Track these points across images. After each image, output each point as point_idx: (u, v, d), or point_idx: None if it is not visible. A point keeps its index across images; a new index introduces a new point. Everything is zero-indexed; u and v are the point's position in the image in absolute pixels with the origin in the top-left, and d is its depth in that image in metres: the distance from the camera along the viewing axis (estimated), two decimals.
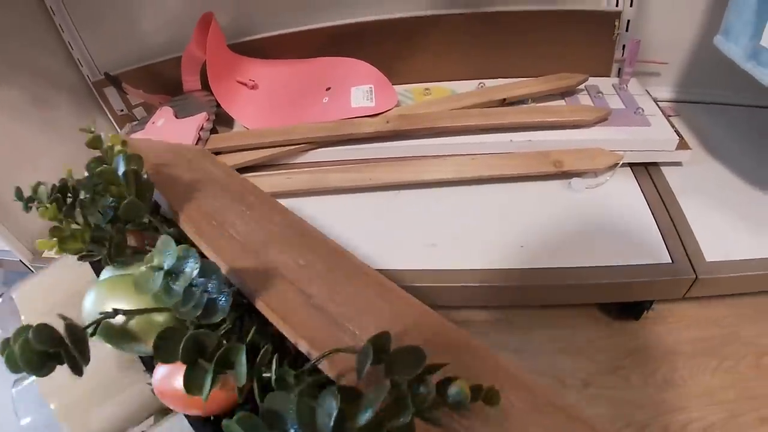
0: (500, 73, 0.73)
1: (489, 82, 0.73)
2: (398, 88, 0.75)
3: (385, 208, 0.62)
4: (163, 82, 0.97)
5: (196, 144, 0.74)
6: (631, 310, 0.66)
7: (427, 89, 0.74)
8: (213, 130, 0.78)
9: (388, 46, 0.74)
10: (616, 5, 0.71)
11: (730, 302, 0.72)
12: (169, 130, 0.79)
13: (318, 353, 0.24)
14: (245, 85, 0.82)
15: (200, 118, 0.78)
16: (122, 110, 1.05)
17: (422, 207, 0.62)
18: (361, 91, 0.70)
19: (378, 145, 0.65)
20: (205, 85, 0.89)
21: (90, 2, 0.93)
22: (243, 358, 0.23)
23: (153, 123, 0.83)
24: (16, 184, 0.75)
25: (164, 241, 0.27)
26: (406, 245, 0.57)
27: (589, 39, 0.71)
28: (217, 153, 0.72)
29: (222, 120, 0.82)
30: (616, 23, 0.69)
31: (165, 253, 0.26)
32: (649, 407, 0.63)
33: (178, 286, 0.26)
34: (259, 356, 0.25)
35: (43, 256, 0.85)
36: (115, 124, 1.10)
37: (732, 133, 0.76)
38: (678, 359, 0.67)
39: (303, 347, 0.25)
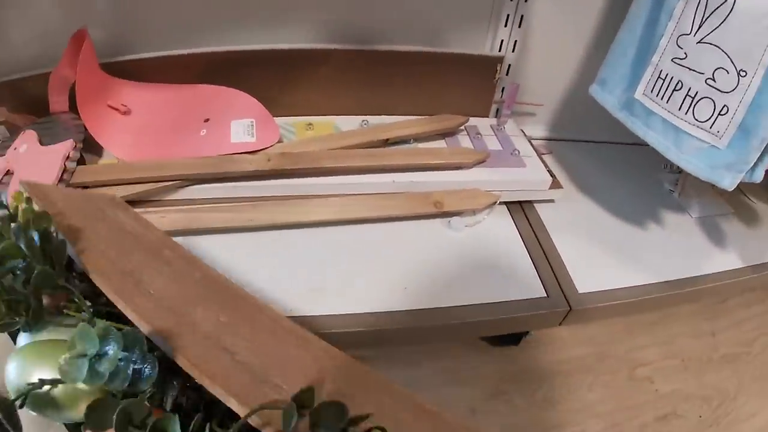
0: (385, 110, 0.74)
1: (373, 119, 0.74)
2: (280, 120, 0.73)
3: (269, 249, 0.60)
4: (29, 101, 0.86)
5: (62, 176, 0.66)
6: (511, 337, 0.70)
7: (310, 124, 0.72)
8: (80, 160, 0.71)
9: (272, 77, 0.72)
10: (499, 50, 0.75)
11: (602, 322, 0.79)
12: (31, 159, 0.71)
13: (247, 410, 0.25)
14: (117, 110, 0.75)
15: (66, 146, 0.70)
16: None
17: (306, 249, 0.60)
18: (241, 125, 0.67)
19: (258, 183, 0.62)
20: (75, 108, 0.80)
21: None
22: (177, 429, 0.25)
23: (15, 149, 0.73)
24: None
25: (83, 331, 0.27)
26: (291, 289, 0.56)
27: (471, 81, 0.75)
28: (84, 187, 0.65)
29: (91, 148, 0.75)
30: (498, 68, 0.73)
31: (87, 342, 0.27)
32: (534, 426, 0.67)
33: (104, 369, 0.27)
34: (192, 425, 0.25)
35: None
36: None
37: (601, 170, 0.83)
38: (556, 378, 0.71)
39: (233, 405, 0.26)
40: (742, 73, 0.52)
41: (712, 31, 0.54)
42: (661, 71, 0.59)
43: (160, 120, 0.74)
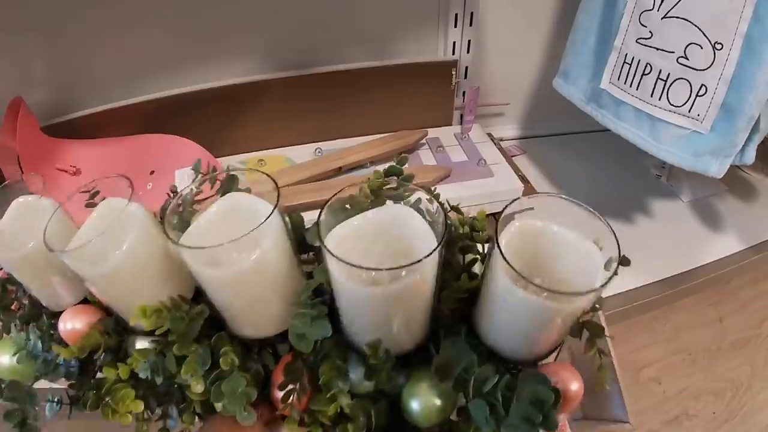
0: (340, 134, 0.68)
1: (328, 145, 0.68)
2: (231, 159, 0.68)
3: None
4: None
5: None
6: None
7: (261, 160, 0.67)
8: None
9: (216, 116, 0.67)
10: (453, 53, 0.69)
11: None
12: None
13: None
14: (66, 171, 0.70)
15: None
16: None
17: None
18: (186, 173, 0.62)
19: None
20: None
21: None
22: None
23: None
24: None
25: None
26: None
27: (427, 90, 0.69)
28: None
29: None
30: (454, 72, 0.68)
31: None
32: None
33: None
34: None
35: None
36: None
37: (581, 163, 0.78)
38: None
39: None
40: (718, 46, 0.46)
41: (677, 3, 0.48)
42: (626, 55, 0.54)
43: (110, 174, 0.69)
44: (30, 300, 0.42)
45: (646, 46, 0.52)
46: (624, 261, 0.25)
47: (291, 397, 0.28)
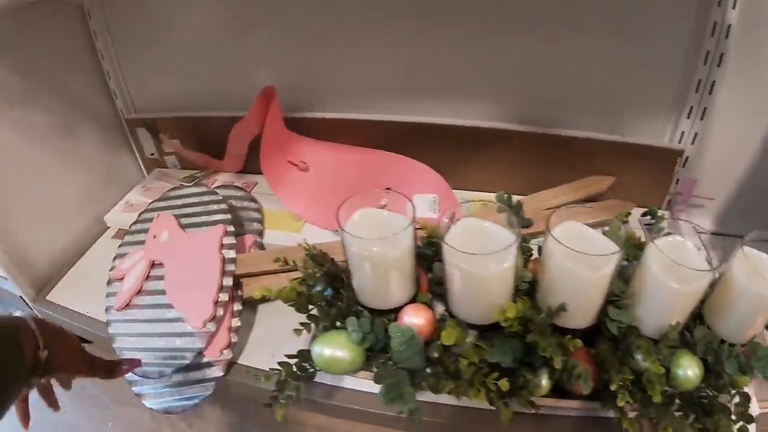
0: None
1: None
2: (456, 194, 0.75)
3: None
4: (201, 139, 0.94)
5: (223, 268, 0.66)
6: None
7: (483, 201, 0.71)
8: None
9: (448, 151, 0.73)
10: (679, 142, 0.73)
11: None
12: (181, 249, 0.70)
13: None
14: (296, 166, 0.78)
15: (216, 233, 0.70)
16: (153, 154, 1.01)
17: None
18: (424, 199, 0.68)
19: None
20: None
21: (137, 31, 0.89)
22: None
23: (154, 237, 0.74)
24: (27, 209, 0.79)
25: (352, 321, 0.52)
26: None
27: (645, 171, 0.73)
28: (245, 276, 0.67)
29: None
30: (678, 161, 0.71)
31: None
32: None
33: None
34: None
35: (46, 298, 0.81)
36: (142, 165, 1.05)
37: None
38: None
39: None
40: None
41: None
42: None
43: (338, 181, 0.77)
44: (347, 299, 0.51)
45: None
46: None
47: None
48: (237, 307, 0.66)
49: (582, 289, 0.46)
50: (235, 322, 0.65)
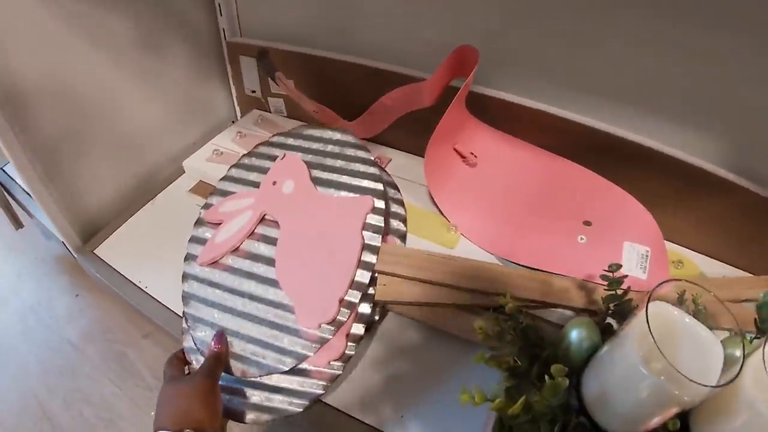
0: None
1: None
2: None
3: None
4: (324, 88, 0.75)
5: (360, 257, 0.50)
6: None
7: (680, 261, 0.57)
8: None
9: (659, 188, 0.56)
10: None
11: None
12: (307, 211, 0.53)
13: None
14: (463, 157, 0.62)
15: (362, 206, 0.52)
16: (254, 91, 0.82)
17: None
18: (635, 251, 0.53)
19: None
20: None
21: None
22: None
23: (274, 184, 0.56)
24: (87, 137, 0.64)
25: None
26: None
27: None
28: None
29: None
30: None
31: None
32: None
33: None
34: None
35: (94, 251, 0.65)
36: (236, 103, 0.86)
37: None
38: None
39: None
40: None
41: None
42: None
43: (512, 188, 0.59)
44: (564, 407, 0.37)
45: None
46: None
47: None
48: (364, 309, 0.50)
49: None
50: (358, 329, 0.49)
